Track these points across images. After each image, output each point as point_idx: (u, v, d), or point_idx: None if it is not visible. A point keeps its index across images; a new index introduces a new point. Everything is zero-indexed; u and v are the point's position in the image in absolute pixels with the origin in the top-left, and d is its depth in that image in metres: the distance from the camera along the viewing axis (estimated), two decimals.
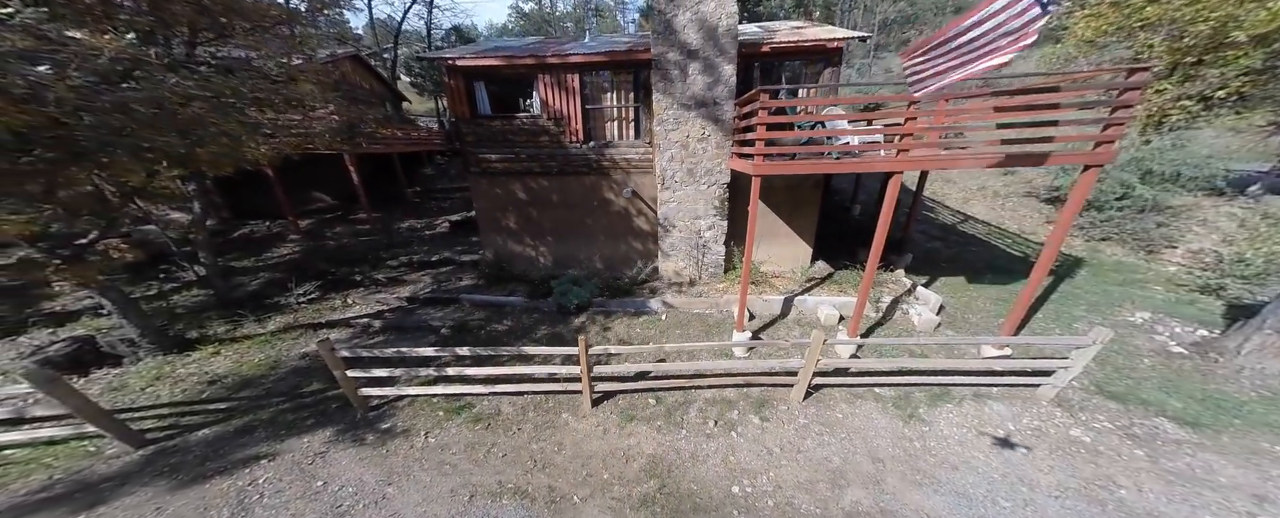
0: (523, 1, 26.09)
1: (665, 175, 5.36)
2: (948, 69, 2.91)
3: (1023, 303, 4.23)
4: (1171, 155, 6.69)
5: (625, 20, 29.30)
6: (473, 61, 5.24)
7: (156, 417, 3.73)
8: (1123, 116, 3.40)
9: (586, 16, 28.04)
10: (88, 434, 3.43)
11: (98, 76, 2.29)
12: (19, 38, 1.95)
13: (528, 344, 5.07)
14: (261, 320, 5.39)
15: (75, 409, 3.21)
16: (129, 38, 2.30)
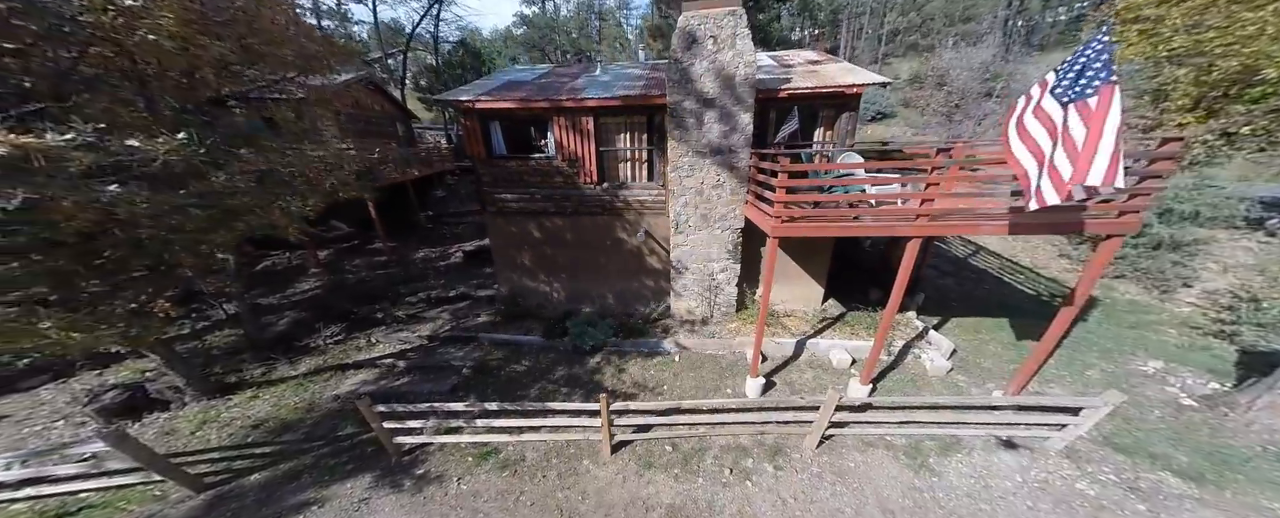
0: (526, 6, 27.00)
1: (679, 220, 5.80)
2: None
3: (1037, 359, 4.53)
4: (1191, 195, 6.92)
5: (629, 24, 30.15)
6: (489, 104, 5.72)
7: (210, 461, 4.22)
8: (1152, 187, 3.61)
9: (589, 19, 28.87)
10: (153, 480, 3.93)
11: (155, 181, 2.74)
12: (84, 154, 2.28)
13: (550, 387, 5.52)
14: (293, 362, 5.92)
15: (144, 462, 3.71)
16: (180, 138, 2.75)
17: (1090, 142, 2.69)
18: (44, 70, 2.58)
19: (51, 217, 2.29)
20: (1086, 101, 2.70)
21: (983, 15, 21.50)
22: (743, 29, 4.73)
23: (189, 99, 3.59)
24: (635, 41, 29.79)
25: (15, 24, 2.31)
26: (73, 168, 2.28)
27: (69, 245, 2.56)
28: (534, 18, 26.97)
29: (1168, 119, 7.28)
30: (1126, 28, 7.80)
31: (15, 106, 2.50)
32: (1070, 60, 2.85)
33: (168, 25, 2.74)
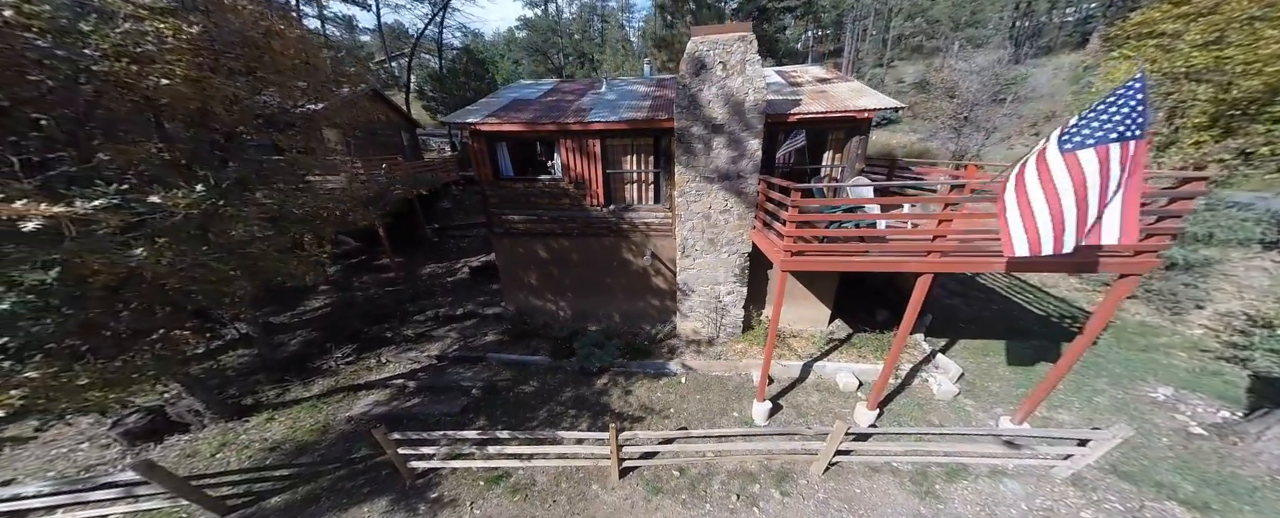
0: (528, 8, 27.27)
1: (686, 244, 5.98)
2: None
3: (1045, 388, 4.62)
4: (1206, 216, 6.95)
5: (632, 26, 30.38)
6: (496, 126, 5.90)
7: (231, 483, 4.46)
8: (1170, 227, 3.63)
9: (592, 20, 29.11)
10: (180, 504, 4.18)
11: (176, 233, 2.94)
12: (111, 216, 2.44)
13: (558, 408, 5.72)
14: (306, 384, 6.17)
15: (172, 489, 3.95)
16: (199, 191, 2.94)
17: (1121, 196, 2.71)
18: (62, 118, 2.81)
19: (81, 273, 2.49)
20: (1110, 147, 2.64)
21: (989, 18, 21.42)
22: (753, 55, 4.84)
23: (202, 133, 3.81)
24: (638, 44, 30.11)
25: (32, 78, 2.53)
26: (101, 230, 2.47)
27: (97, 298, 2.77)
28: (536, 20, 27.22)
29: (1183, 136, 7.27)
30: (1142, 42, 7.70)
31: (41, 170, 2.71)
32: (1098, 105, 2.79)
33: (181, 71, 2.96)
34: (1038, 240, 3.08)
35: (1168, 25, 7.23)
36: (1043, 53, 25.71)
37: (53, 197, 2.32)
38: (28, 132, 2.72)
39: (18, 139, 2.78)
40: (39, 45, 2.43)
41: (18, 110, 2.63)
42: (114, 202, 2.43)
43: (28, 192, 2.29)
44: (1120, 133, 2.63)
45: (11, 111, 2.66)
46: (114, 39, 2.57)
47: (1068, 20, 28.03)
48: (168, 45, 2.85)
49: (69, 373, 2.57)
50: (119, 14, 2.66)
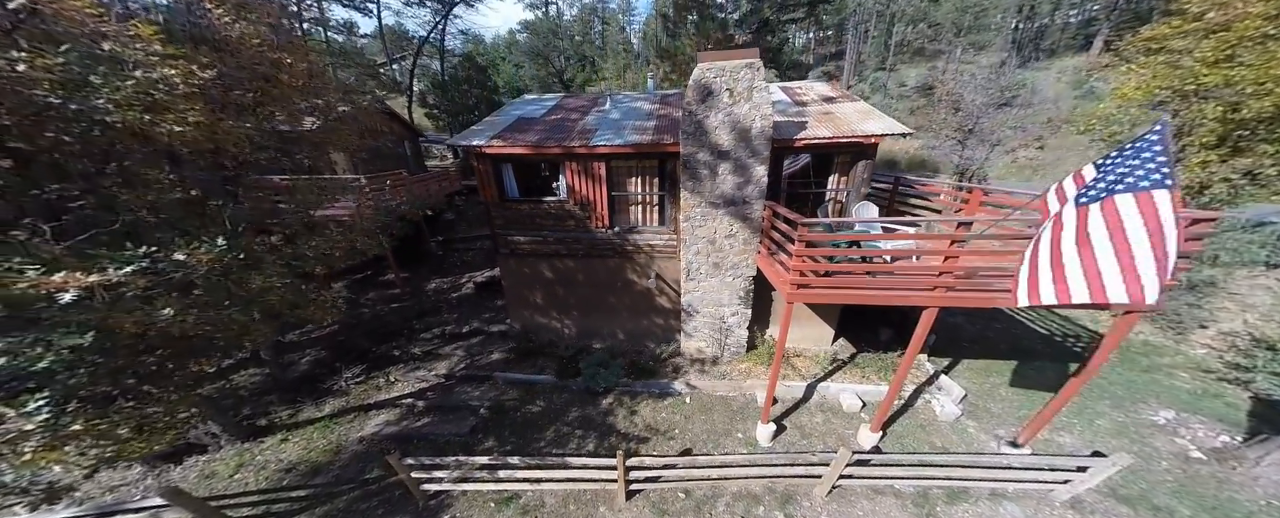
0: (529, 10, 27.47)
1: (690, 268, 6.17)
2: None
3: (1048, 413, 4.79)
4: (1211, 238, 7.03)
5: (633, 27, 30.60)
6: (501, 149, 6.07)
7: (251, 505, 4.69)
8: (1179, 267, 3.57)
9: (592, 22, 29.35)
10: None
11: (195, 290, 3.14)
12: (137, 278, 2.62)
13: (564, 428, 5.92)
14: (318, 404, 6.40)
15: (196, 512, 4.18)
16: (220, 244, 3.16)
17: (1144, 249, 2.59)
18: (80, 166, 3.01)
19: (110, 328, 2.69)
20: (1136, 196, 2.59)
21: (991, 22, 21.48)
22: (760, 82, 4.98)
23: (214, 170, 4.02)
24: (639, 45, 30.33)
25: (49, 134, 2.73)
26: (130, 293, 2.66)
27: (124, 347, 2.99)
28: (536, 22, 27.43)
29: (1189, 155, 7.32)
30: (1150, 58, 7.66)
31: (73, 235, 2.91)
32: (1120, 152, 2.79)
33: (195, 118, 3.15)
34: (1037, 291, 3.17)
35: (1177, 42, 7.21)
36: (1046, 56, 25.80)
37: (84, 262, 2.53)
38: (49, 182, 2.93)
39: (40, 191, 2.98)
40: (52, 102, 2.61)
41: (38, 160, 2.84)
42: (142, 264, 2.63)
43: (62, 259, 2.49)
44: (1133, 183, 2.59)
45: (32, 160, 2.87)
46: (126, 90, 2.71)
47: (1071, 21, 28.05)
48: (180, 92, 3.01)
49: (108, 421, 2.79)
50: (129, 61, 2.78)
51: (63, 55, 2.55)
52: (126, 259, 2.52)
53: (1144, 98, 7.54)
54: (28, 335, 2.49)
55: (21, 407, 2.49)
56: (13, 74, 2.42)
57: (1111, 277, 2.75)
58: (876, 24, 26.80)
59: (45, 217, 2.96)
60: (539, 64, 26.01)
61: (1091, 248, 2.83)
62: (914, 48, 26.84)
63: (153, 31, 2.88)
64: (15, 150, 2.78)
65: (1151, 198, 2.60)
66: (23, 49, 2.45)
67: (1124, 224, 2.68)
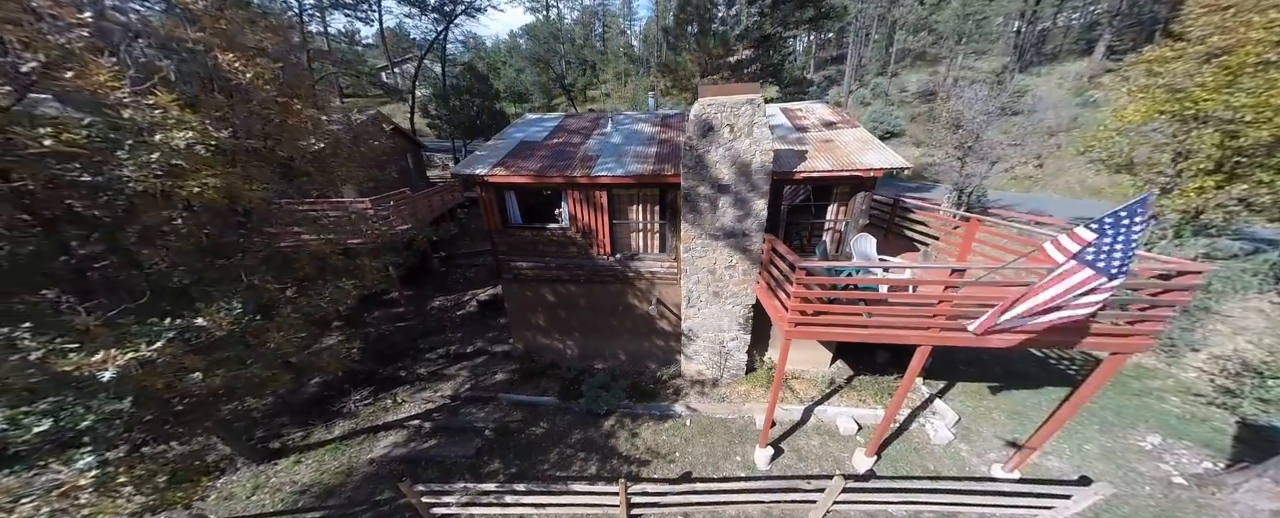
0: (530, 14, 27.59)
1: (691, 296, 6.39)
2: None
3: (1039, 440, 5.01)
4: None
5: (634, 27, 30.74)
6: (504, 178, 6.26)
7: None
8: (1163, 314, 3.94)
9: (593, 25, 29.47)
10: None
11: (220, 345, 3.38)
12: (172, 348, 2.90)
13: (568, 451, 6.16)
14: (328, 426, 6.65)
15: None
16: (237, 310, 3.37)
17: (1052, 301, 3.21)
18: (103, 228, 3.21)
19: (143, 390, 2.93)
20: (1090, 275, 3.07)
21: (993, 28, 21.48)
22: (760, 117, 5.16)
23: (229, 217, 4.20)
24: (639, 48, 30.46)
25: (78, 207, 2.94)
26: (162, 361, 2.89)
27: (153, 400, 3.23)
28: (537, 26, 27.53)
29: (1186, 180, 7.40)
30: (1151, 82, 7.69)
31: (101, 292, 3.13)
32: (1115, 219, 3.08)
33: (214, 182, 3.33)
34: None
35: (1177, 65, 7.19)
36: (1047, 60, 25.82)
37: (115, 330, 2.76)
38: (77, 247, 3.14)
39: (68, 257, 3.19)
40: (83, 181, 2.77)
41: (65, 226, 3.04)
42: (170, 335, 2.86)
43: (96, 332, 2.70)
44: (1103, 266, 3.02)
45: (57, 221, 3.07)
46: (151, 163, 2.85)
47: (1074, 23, 28.01)
48: (199, 156, 3.13)
49: (146, 468, 3.03)
50: (149, 127, 2.89)
51: (86, 129, 2.71)
52: (156, 333, 2.74)
53: (1142, 119, 7.64)
54: (69, 395, 2.73)
55: (72, 462, 2.73)
56: (41, 149, 2.60)
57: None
58: (878, 27, 26.86)
59: (73, 278, 3.18)
60: (540, 69, 26.15)
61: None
62: (915, 53, 26.94)
63: (170, 98, 3.04)
64: (41, 214, 2.99)
65: (1106, 287, 3.09)
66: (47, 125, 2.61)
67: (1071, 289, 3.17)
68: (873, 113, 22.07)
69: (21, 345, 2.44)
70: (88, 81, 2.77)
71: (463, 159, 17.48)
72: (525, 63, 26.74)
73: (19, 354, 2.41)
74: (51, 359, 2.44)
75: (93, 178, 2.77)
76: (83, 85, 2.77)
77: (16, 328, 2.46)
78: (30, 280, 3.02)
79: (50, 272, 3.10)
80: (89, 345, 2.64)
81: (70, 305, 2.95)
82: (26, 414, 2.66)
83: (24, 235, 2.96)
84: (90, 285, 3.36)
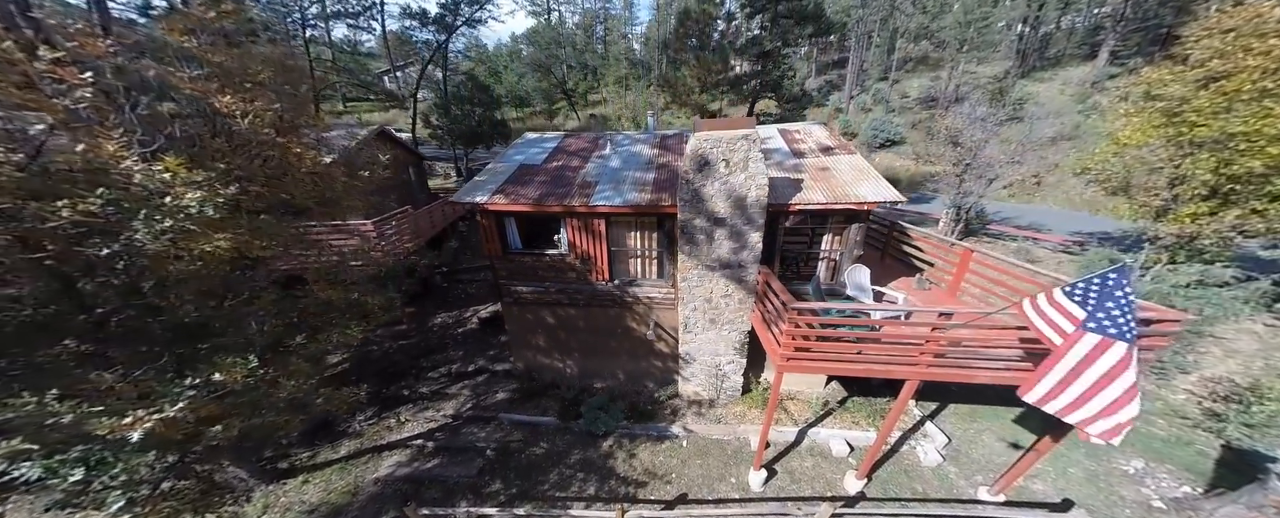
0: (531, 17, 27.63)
1: (688, 322, 6.58)
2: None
3: (1025, 465, 5.21)
4: (1196, 293, 7.09)
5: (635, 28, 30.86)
6: (503, 207, 6.43)
7: None
8: (1144, 359, 4.00)
9: (594, 29, 29.55)
10: None
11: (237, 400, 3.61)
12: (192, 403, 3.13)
13: (567, 472, 6.37)
14: (334, 446, 6.89)
15: None
16: (252, 363, 3.58)
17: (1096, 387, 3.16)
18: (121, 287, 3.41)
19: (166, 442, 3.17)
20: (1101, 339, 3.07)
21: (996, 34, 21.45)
22: (756, 153, 5.32)
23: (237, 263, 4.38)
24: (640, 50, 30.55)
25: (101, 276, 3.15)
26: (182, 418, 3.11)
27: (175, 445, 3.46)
28: (538, 30, 27.63)
29: (1180, 206, 7.44)
30: (1149, 104, 7.72)
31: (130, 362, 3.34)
32: (1088, 284, 3.25)
33: (225, 242, 3.51)
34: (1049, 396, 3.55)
35: (1175, 88, 7.15)
36: (1050, 65, 25.82)
37: (143, 393, 2.97)
38: (95, 307, 3.34)
39: (87, 315, 3.39)
40: (102, 255, 2.94)
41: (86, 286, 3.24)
42: (190, 394, 3.08)
43: (120, 391, 2.91)
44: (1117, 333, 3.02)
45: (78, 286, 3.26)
46: (165, 232, 3.01)
47: (1078, 24, 27.90)
48: (209, 219, 3.26)
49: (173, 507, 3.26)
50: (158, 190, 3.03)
51: (99, 198, 2.81)
52: (177, 395, 2.96)
53: (1139, 142, 7.66)
54: (97, 444, 2.95)
55: (104, 506, 2.96)
56: (59, 219, 2.75)
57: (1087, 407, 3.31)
58: (880, 31, 26.87)
59: (92, 331, 3.39)
60: (541, 75, 26.30)
61: (1080, 376, 3.31)
62: (917, 58, 26.95)
63: (177, 162, 3.16)
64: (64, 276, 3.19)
65: (1131, 350, 3.09)
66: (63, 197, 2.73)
67: (1113, 370, 3.15)
68: (873, 120, 22.15)
69: (53, 410, 2.65)
70: (98, 153, 2.96)
71: (463, 166, 17.75)
72: (526, 68, 26.88)
73: (53, 418, 2.63)
74: (84, 422, 2.66)
75: (110, 248, 2.95)
76: (95, 155, 2.96)
77: (45, 395, 2.67)
78: (52, 336, 3.24)
79: (71, 326, 3.31)
80: (114, 404, 2.86)
81: (91, 355, 3.17)
82: (62, 463, 2.89)
83: (47, 296, 3.16)
84: (109, 334, 3.57)
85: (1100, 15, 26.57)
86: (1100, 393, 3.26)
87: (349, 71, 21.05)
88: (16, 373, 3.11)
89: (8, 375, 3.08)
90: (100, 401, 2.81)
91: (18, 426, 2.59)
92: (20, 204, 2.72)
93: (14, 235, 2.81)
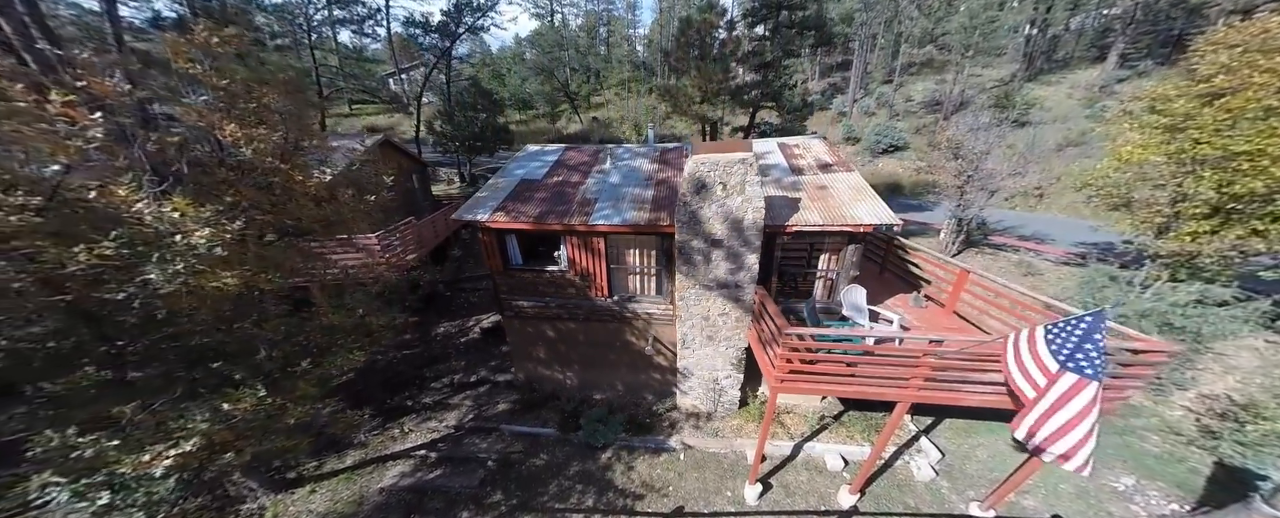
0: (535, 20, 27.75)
1: (686, 338, 6.71)
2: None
3: (1016, 482, 5.30)
4: (1195, 311, 7.06)
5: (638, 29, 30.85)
6: (504, 224, 6.56)
7: None
8: (1129, 384, 4.25)
9: (597, 27, 29.60)
10: None
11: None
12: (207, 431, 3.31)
13: (566, 483, 6.53)
14: (340, 456, 7.09)
15: None
16: (260, 392, 3.74)
17: (1070, 423, 3.43)
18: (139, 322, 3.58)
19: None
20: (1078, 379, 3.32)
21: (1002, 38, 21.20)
22: (752, 176, 5.41)
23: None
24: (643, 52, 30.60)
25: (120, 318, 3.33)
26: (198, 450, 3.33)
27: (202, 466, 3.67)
28: (542, 33, 27.72)
29: (1182, 224, 7.39)
30: (1154, 119, 7.63)
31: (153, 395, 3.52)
32: (1068, 326, 3.46)
33: (233, 280, 3.64)
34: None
35: (1179, 104, 7.08)
36: (1058, 68, 25.57)
37: (159, 423, 3.16)
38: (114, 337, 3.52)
39: (108, 347, 3.56)
40: (116, 299, 3.09)
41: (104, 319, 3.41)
42: (202, 428, 3.27)
43: (139, 424, 3.09)
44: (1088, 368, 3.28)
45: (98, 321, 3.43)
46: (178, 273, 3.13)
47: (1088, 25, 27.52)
48: (218, 258, 3.38)
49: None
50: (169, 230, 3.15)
51: (113, 240, 2.93)
52: (192, 432, 3.15)
53: (1140, 160, 7.59)
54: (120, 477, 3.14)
55: None
56: (77, 264, 2.86)
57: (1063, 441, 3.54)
58: (884, 33, 26.70)
59: (114, 360, 3.57)
60: (544, 79, 26.45)
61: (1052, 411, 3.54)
62: (922, 61, 26.77)
63: (186, 202, 3.30)
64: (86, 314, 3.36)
65: (1099, 391, 3.35)
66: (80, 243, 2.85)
67: (1085, 409, 3.39)
68: (877, 125, 22.09)
69: (75, 444, 2.83)
70: (111, 198, 3.11)
71: (466, 172, 17.93)
72: (530, 72, 27.05)
73: (77, 452, 2.81)
74: (104, 456, 2.84)
75: (125, 292, 3.11)
76: (108, 201, 3.12)
77: (66, 431, 2.85)
78: (72, 366, 3.42)
79: (92, 355, 3.49)
80: (134, 436, 3.05)
81: (110, 381, 3.36)
82: (88, 487, 3.08)
83: (67, 328, 3.33)
84: (127, 360, 3.75)
85: (1110, 17, 26.27)
86: (1074, 429, 3.41)
87: (354, 77, 21.55)
88: (41, 401, 3.30)
89: (33, 405, 3.28)
90: (119, 434, 2.98)
91: (47, 459, 2.78)
92: (40, 247, 2.89)
93: (37, 278, 2.97)
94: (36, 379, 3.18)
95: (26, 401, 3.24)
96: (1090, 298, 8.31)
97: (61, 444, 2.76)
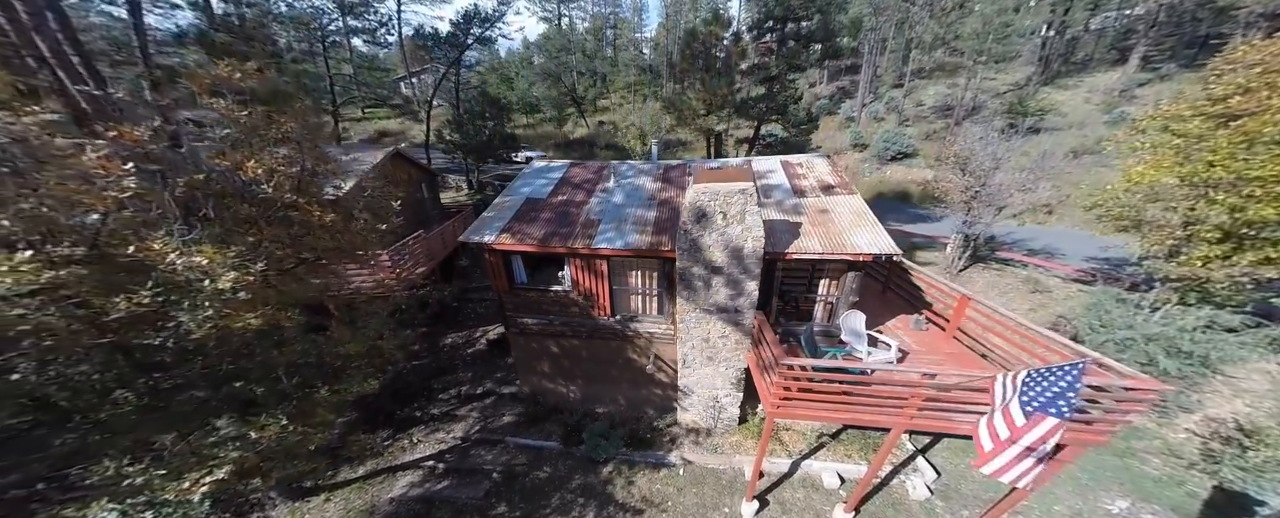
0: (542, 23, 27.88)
1: (686, 358, 6.90)
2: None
3: (1009, 504, 5.46)
4: (1203, 337, 6.99)
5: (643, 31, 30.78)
6: (509, 246, 6.77)
7: None
8: (1119, 419, 4.37)
9: (604, 29, 29.73)
10: None
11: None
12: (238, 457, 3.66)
13: (568, 496, 6.78)
14: (353, 465, 7.44)
15: None
16: (283, 421, 4.01)
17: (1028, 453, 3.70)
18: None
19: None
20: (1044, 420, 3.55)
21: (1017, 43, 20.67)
22: (752, 206, 5.57)
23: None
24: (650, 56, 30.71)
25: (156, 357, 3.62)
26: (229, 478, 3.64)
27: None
28: (549, 37, 27.97)
29: (1193, 248, 7.29)
30: (1166, 140, 7.49)
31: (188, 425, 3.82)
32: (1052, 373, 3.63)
33: (256, 320, 3.90)
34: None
35: (1193, 124, 6.99)
36: (1076, 71, 24.97)
37: (195, 450, 3.44)
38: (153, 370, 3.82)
39: (145, 377, 3.87)
40: (152, 346, 3.39)
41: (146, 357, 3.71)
42: (233, 457, 3.54)
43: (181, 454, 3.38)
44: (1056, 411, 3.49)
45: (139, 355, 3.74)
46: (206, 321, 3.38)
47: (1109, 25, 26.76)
48: (242, 301, 3.62)
49: None
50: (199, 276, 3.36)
51: (149, 290, 3.19)
52: (224, 460, 3.44)
53: (1150, 182, 7.52)
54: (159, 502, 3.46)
55: None
56: (118, 312, 3.16)
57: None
58: (895, 36, 26.38)
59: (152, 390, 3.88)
60: (551, 84, 26.76)
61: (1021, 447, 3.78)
62: (933, 66, 26.40)
63: (214, 250, 3.53)
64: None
65: (1061, 426, 3.58)
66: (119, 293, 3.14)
67: (1046, 435, 3.63)
68: (885, 132, 21.89)
69: (127, 473, 3.14)
70: (149, 253, 3.39)
71: (474, 179, 18.31)
72: (537, 76, 27.39)
73: (128, 480, 3.12)
74: (151, 484, 3.14)
75: (160, 338, 3.39)
76: (145, 255, 3.39)
77: (121, 461, 3.16)
78: (114, 397, 3.74)
79: (132, 387, 3.81)
80: (174, 463, 3.35)
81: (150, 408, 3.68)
82: (132, 507, 3.40)
83: (112, 365, 3.65)
84: (161, 389, 4.06)
85: (1132, 18, 25.54)
86: (1031, 456, 3.75)
87: (366, 85, 22.39)
88: (88, 427, 3.63)
89: (82, 429, 3.60)
90: (161, 463, 3.29)
91: (103, 486, 3.09)
92: (86, 295, 3.18)
93: (85, 322, 3.28)
94: (87, 409, 3.50)
95: (77, 427, 3.56)
96: (1097, 320, 8.28)
97: (115, 473, 3.07)
